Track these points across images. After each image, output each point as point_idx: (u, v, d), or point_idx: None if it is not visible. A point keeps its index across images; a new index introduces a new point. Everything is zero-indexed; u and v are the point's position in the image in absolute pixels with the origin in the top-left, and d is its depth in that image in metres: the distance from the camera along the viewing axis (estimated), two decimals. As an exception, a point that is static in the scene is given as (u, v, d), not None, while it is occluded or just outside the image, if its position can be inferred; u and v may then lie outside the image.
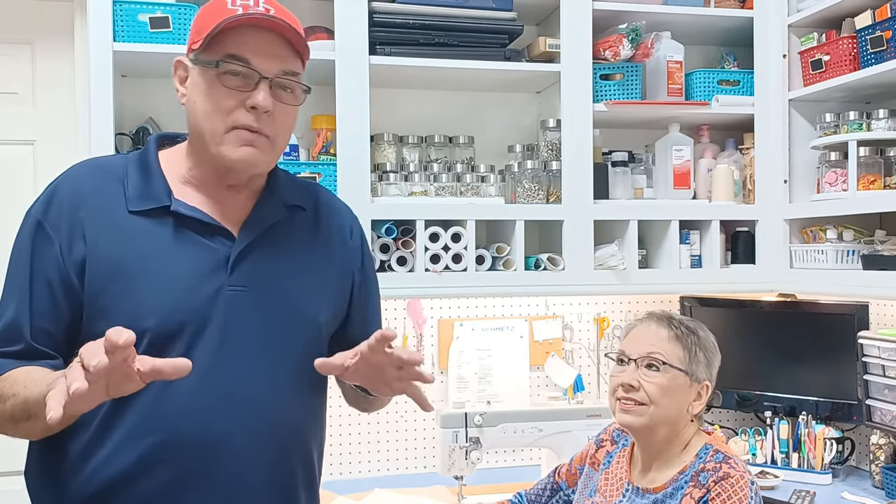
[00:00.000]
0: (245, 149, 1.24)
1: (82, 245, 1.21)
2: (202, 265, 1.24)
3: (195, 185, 1.29)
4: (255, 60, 1.22)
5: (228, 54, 1.22)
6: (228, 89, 1.22)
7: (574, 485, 1.76)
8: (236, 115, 1.23)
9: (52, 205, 1.25)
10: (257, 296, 1.27)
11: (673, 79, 2.42)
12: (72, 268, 1.21)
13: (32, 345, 1.20)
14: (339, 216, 1.44)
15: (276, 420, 1.27)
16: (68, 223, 1.22)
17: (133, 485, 1.20)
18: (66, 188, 1.26)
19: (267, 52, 1.23)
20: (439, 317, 2.53)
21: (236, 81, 1.22)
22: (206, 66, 1.23)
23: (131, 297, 1.20)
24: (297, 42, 1.25)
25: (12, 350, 1.20)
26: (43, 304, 1.21)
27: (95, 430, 1.20)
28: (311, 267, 1.35)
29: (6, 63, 2.42)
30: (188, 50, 1.28)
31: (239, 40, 1.22)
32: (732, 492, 1.46)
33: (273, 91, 1.24)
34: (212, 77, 1.23)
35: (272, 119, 1.24)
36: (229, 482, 1.23)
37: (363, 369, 1.20)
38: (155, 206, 1.25)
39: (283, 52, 1.25)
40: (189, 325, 1.21)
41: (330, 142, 2.27)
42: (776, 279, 2.44)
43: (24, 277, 1.22)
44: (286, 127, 1.29)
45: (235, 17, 1.21)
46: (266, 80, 1.23)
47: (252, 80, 1.22)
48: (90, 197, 1.25)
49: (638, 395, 1.55)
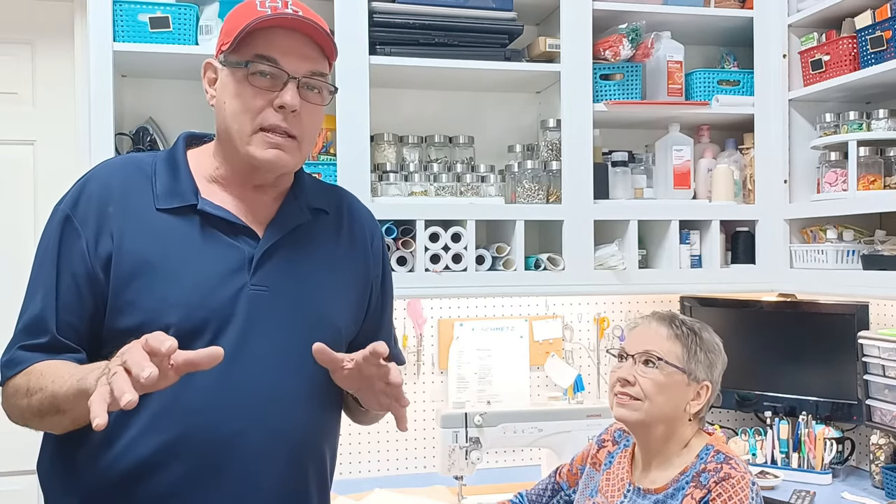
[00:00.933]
0: (272, 151, 1.26)
1: (109, 240, 1.23)
2: (226, 264, 1.26)
3: (222, 185, 1.31)
4: (283, 60, 1.24)
5: (257, 54, 1.24)
6: (257, 89, 1.24)
7: (575, 485, 1.76)
8: (264, 115, 1.25)
9: (81, 199, 1.26)
10: (278, 296, 1.28)
11: (673, 79, 2.42)
12: (97, 262, 1.22)
13: (58, 338, 1.22)
14: (361, 222, 1.45)
15: (291, 420, 1.28)
16: (96, 218, 1.24)
17: (148, 478, 1.20)
18: (96, 183, 1.27)
19: (295, 52, 1.25)
20: (439, 317, 2.53)
21: (265, 82, 1.24)
22: (236, 66, 1.25)
23: (155, 293, 1.21)
24: (324, 43, 1.27)
25: (38, 343, 1.22)
26: (68, 298, 1.22)
27: (114, 423, 1.18)
28: (332, 271, 1.37)
29: (6, 63, 2.42)
30: (217, 52, 1.29)
31: (268, 40, 1.24)
32: (734, 492, 1.46)
33: (300, 91, 1.25)
34: (241, 77, 1.25)
35: (299, 119, 1.26)
36: (242, 480, 1.24)
37: (356, 377, 1.22)
38: (182, 205, 1.27)
39: (311, 53, 1.26)
40: (211, 323, 1.22)
41: (330, 142, 2.27)
42: (776, 279, 2.44)
43: (50, 271, 1.24)
44: (313, 127, 1.31)
45: (265, 18, 1.22)
46: (294, 80, 1.24)
47: (280, 81, 1.24)
48: (119, 193, 1.26)
49: (633, 390, 1.56)
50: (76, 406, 1.10)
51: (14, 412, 1.23)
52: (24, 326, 1.24)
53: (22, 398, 1.19)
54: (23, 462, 2.24)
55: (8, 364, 1.23)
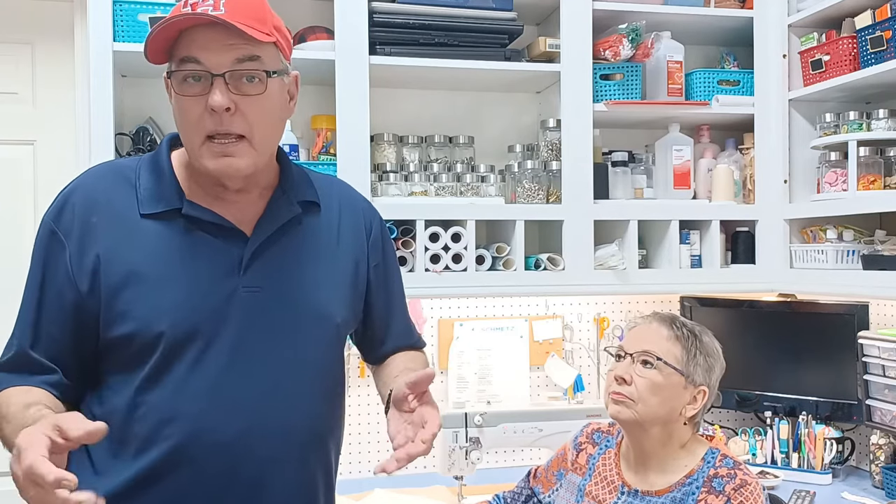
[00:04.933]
0: (221, 160, 1.20)
1: (94, 251, 1.21)
2: (216, 267, 1.24)
3: (206, 188, 1.28)
4: (204, 57, 1.16)
5: (181, 58, 1.18)
6: (190, 97, 1.18)
7: (548, 490, 1.74)
8: (203, 122, 1.18)
9: (64, 211, 1.24)
10: (271, 296, 1.26)
11: (673, 79, 2.42)
12: (81, 274, 1.20)
13: (28, 353, 1.21)
14: (356, 211, 1.42)
15: (295, 419, 1.27)
16: (80, 229, 1.22)
17: (155, 487, 1.20)
18: (79, 194, 1.25)
19: (215, 45, 1.16)
20: (439, 317, 2.53)
21: (195, 87, 1.17)
22: (170, 76, 1.21)
23: (146, 302, 1.20)
24: (251, 24, 1.16)
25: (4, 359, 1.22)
26: (51, 310, 1.21)
27: (118, 435, 1.19)
28: (326, 264, 1.34)
29: (6, 63, 2.42)
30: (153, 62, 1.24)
31: (188, 41, 1.17)
32: (754, 499, 1.46)
33: (236, 85, 1.18)
34: (176, 88, 1.19)
35: (241, 116, 1.18)
36: (252, 482, 1.23)
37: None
38: (167, 209, 1.24)
39: (232, 41, 1.16)
40: (204, 328, 1.21)
41: (330, 142, 2.27)
42: (776, 279, 2.44)
43: (34, 285, 1.23)
44: (262, 119, 1.21)
45: (166, 22, 1.15)
46: (219, 76, 1.16)
47: (208, 82, 1.17)
48: (103, 202, 1.24)
49: (628, 389, 1.55)
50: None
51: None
52: (8, 342, 1.24)
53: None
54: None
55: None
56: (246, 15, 1.16)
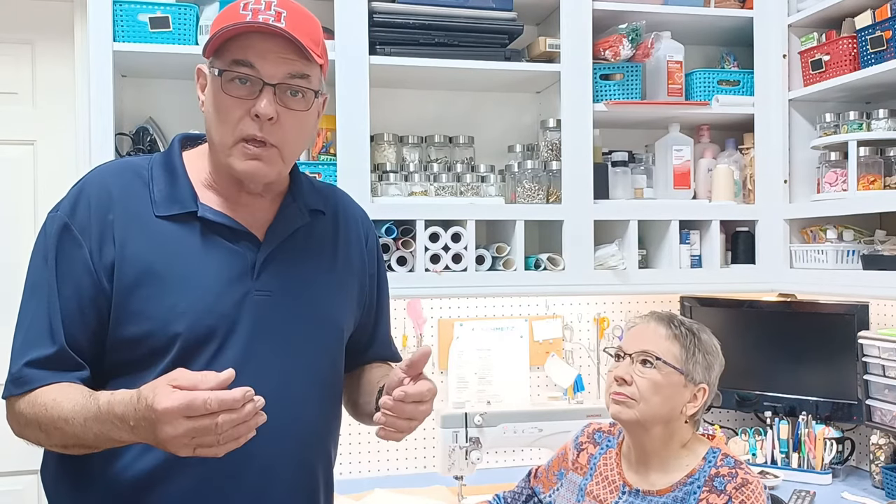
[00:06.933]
0: (251, 163, 1.23)
1: (112, 248, 1.21)
2: (230, 270, 1.25)
3: (217, 190, 1.29)
4: (259, 64, 1.20)
5: (234, 60, 1.20)
6: (234, 98, 1.21)
7: (549, 490, 1.74)
8: (242, 125, 1.21)
9: (79, 207, 1.23)
10: (282, 301, 1.28)
11: (673, 79, 2.42)
12: (102, 272, 1.20)
13: (66, 349, 1.19)
14: (356, 221, 1.45)
15: (301, 423, 1.28)
16: (98, 226, 1.21)
17: (159, 487, 1.20)
18: (93, 190, 1.24)
19: (272, 56, 1.20)
20: (439, 317, 2.53)
21: (242, 90, 1.21)
22: (217, 74, 1.22)
23: (162, 302, 1.20)
24: (307, 45, 1.21)
25: (43, 355, 1.18)
26: (70, 309, 1.19)
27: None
28: (332, 271, 1.37)
29: (6, 63, 2.42)
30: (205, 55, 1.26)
31: (245, 45, 1.20)
32: (755, 498, 1.46)
33: (281, 97, 1.21)
34: (220, 86, 1.21)
35: (279, 127, 1.22)
36: (255, 485, 1.24)
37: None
38: (182, 211, 1.25)
39: (290, 55, 1.21)
40: (219, 330, 1.22)
41: (330, 142, 2.27)
42: (776, 279, 2.44)
43: (51, 281, 1.20)
44: (296, 134, 1.26)
45: (237, 25, 1.19)
46: (270, 86, 1.20)
47: (257, 88, 1.20)
48: (118, 199, 1.24)
49: (629, 389, 1.55)
50: (106, 445, 1.14)
51: (21, 433, 1.21)
52: (27, 338, 1.20)
53: (34, 431, 1.17)
54: (23, 462, 2.24)
55: (16, 382, 1.19)
56: (304, 33, 1.21)
